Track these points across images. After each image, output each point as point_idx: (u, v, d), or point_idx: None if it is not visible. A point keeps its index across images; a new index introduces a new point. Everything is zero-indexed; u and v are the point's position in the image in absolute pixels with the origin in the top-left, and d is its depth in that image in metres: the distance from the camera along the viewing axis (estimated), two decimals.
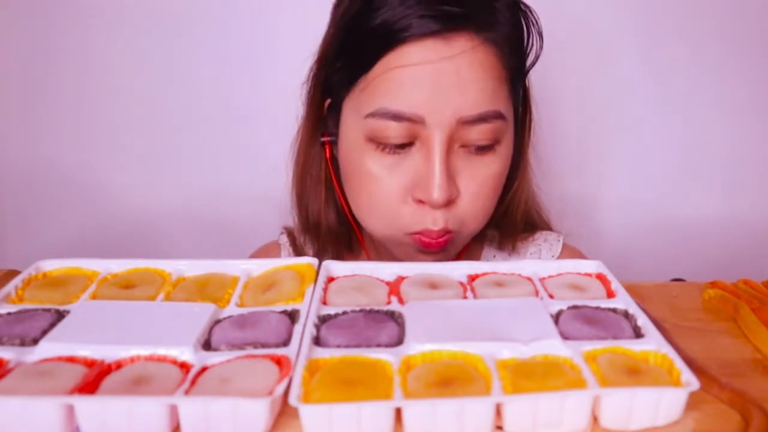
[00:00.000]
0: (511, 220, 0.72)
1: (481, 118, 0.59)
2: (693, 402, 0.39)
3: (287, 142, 0.75)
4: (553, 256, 0.74)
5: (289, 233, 0.78)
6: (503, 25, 0.61)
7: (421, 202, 0.60)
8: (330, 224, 0.72)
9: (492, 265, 0.52)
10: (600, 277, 0.52)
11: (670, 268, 1.03)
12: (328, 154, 0.69)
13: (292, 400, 0.36)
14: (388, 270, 0.52)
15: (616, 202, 1.08)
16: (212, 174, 1.07)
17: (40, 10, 1.01)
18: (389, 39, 0.58)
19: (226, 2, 1.01)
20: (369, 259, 0.73)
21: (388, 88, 0.58)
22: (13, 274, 0.56)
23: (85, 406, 0.36)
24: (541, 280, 0.51)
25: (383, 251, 0.71)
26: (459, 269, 0.52)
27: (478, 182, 0.61)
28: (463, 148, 0.61)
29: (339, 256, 0.73)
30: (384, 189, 0.61)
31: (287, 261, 0.53)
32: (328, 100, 0.67)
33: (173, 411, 0.37)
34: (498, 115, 0.60)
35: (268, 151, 1.05)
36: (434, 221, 0.60)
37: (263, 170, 1.06)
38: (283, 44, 1.01)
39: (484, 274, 0.52)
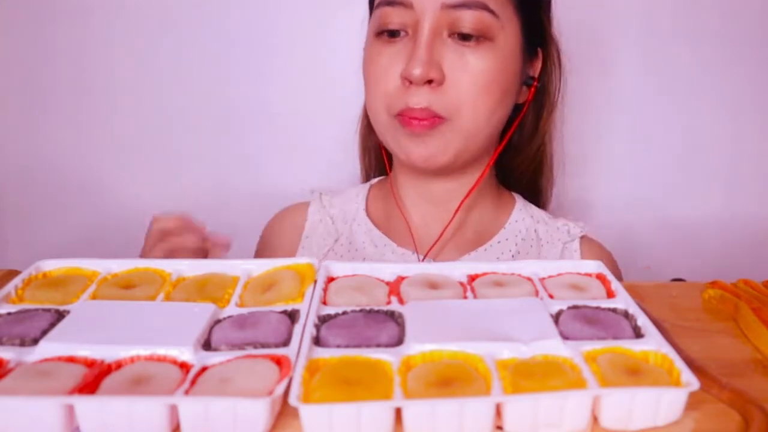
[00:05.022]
0: (533, 157, 0.77)
1: (464, 4, 0.63)
2: (693, 402, 0.39)
3: (287, 141, 0.76)
4: (581, 231, 0.77)
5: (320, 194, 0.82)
6: None
7: (406, 80, 0.64)
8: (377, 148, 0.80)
9: (492, 265, 0.53)
10: (600, 277, 0.52)
11: (670, 268, 1.03)
12: None
13: (292, 400, 0.36)
14: (388, 270, 0.52)
15: (616, 201, 1.08)
16: (212, 174, 1.07)
17: (40, 9, 1.01)
18: None
19: (226, 2, 1.01)
20: (392, 186, 0.78)
21: None
22: (13, 274, 0.56)
23: (85, 406, 0.36)
24: (541, 280, 0.51)
25: (400, 171, 0.76)
26: (459, 269, 0.52)
27: (469, 73, 0.65)
28: (452, 38, 0.65)
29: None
30: (382, 73, 0.67)
31: (287, 261, 0.53)
32: None
33: (173, 411, 0.37)
34: (482, 6, 0.64)
35: (268, 151, 1.06)
36: (417, 101, 0.64)
37: (263, 170, 1.07)
38: (284, 44, 1.01)
39: (484, 274, 0.52)
